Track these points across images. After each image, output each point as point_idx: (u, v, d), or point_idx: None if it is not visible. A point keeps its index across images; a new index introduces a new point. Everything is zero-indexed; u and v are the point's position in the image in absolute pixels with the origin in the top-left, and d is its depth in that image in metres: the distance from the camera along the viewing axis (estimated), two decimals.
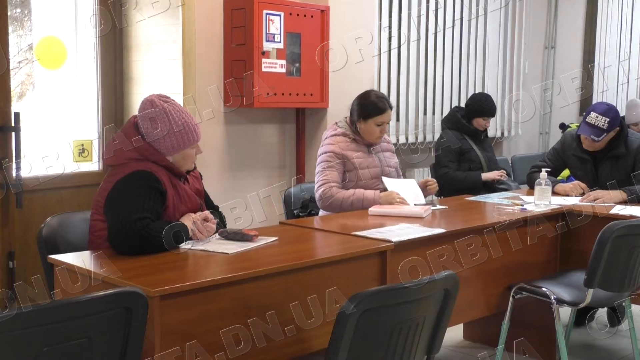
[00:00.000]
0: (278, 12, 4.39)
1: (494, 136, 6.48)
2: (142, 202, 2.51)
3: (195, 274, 2.35)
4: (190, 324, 2.17)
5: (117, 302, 1.83)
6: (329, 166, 3.63)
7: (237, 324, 2.28)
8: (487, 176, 4.90)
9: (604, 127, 3.93)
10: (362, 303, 1.92)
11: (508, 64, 6.72)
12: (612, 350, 4.00)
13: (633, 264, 3.17)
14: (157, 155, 2.65)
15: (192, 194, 2.76)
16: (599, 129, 3.94)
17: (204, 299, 2.19)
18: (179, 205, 2.68)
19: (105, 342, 1.83)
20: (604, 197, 3.86)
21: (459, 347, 4.02)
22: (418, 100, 5.86)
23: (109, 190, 2.57)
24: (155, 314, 2.05)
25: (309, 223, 3.30)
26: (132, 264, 2.32)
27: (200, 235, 2.64)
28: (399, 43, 5.65)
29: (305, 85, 4.59)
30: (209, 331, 2.21)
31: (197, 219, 2.65)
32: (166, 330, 2.10)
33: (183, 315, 2.15)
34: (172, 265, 2.37)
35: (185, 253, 2.51)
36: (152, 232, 2.46)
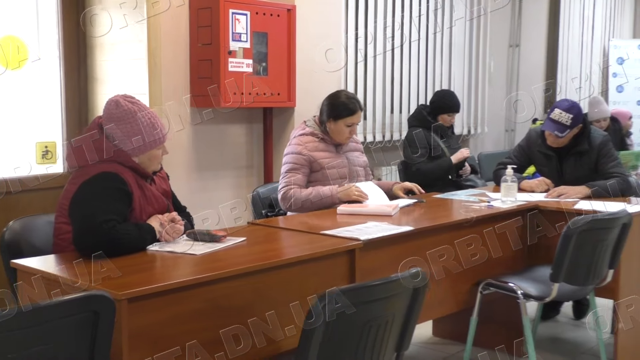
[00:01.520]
0: (244, 12, 4.37)
1: (461, 133, 6.54)
2: (108, 204, 2.48)
3: (163, 275, 2.33)
4: (159, 327, 2.15)
5: (83, 306, 1.80)
6: (293, 168, 3.62)
7: (206, 326, 2.26)
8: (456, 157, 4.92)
9: (567, 123, 3.98)
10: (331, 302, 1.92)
11: (474, 63, 6.78)
12: (577, 343, 4.06)
13: (597, 257, 3.22)
14: (123, 156, 2.62)
15: (159, 195, 2.73)
16: (563, 125, 3.99)
17: (173, 301, 2.17)
18: (146, 206, 2.65)
19: (72, 347, 1.81)
20: (568, 192, 3.92)
21: (428, 344, 4.05)
22: (385, 99, 5.88)
23: (73, 193, 2.54)
24: (122, 318, 2.02)
25: (277, 223, 3.29)
26: (99, 267, 2.29)
27: (168, 237, 2.62)
28: (366, 42, 5.66)
29: (272, 84, 4.58)
30: (178, 333, 2.19)
31: (165, 221, 2.63)
32: (134, 334, 2.07)
33: (151, 318, 2.13)
34: (139, 267, 2.34)
35: (152, 255, 2.49)
36: (119, 234, 2.43)
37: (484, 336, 3.71)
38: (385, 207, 3.40)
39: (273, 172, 4.84)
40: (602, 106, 6.14)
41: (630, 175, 4.70)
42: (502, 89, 7.31)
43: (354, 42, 5.56)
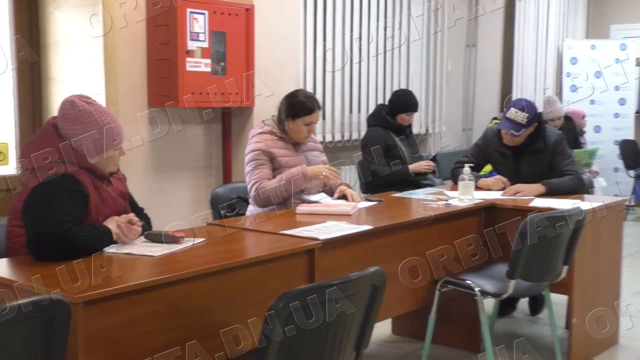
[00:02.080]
0: (202, 11, 4.34)
1: (419, 133, 6.59)
2: (63, 206, 2.44)
3: (120, 278, 2.30)
4: (116, 330, 2.12)
5: (37, 310, 1.77)
6: (260, 164, 3.61)
7: (165, 328, 2.25)
8: (414, 167, 4.97)
9: (523, 122, 4.04)
10: (290, 302, 1.93)
11: (431, 62, 6.84)
12: (533, 338, 4.13)
13: (552, 254, 3.28)
14: (79, 157, 2.58)
15: (115, 197, 2.70)
16: (519, 124, 4.05)
17: (130, 304, 2.15)
18: (102, 208, 2.62)
19: (27, 353, 1.77)
20: (524, 190, 3.98)
21: (387, 342, 4.07)
22: (343, 99, 5.91)
23: (27, 195, 2.49)
24: (78, 321, 1.99)
25: (237, 223, 3.28)
26: (53, 270, 2.25)
27: (125, 239, 2.59)
28: (324, 42, 5.68)
29: (231, 84, 4.56)
30: (136, 336, 2.17)
31: (122, 222, 2.60)
32: (90, 337, 2.05)
33: (108, 321, 2.10)
34: (95, 270, 2.31)
35: (109, 257, 2.46)
36: (75, 236, 2.40)
37: (443, 333, 3.75)
38: (345, 206, 3.42)
39: (232, 172, 4.82)
40: (557, 105, 6.26)
41: (584, 173, 4.81)
42: (459, 89, 7.39)
43: (313, 41, 5.56)
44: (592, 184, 5.42)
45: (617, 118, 8.65)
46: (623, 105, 8.66)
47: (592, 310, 3.76)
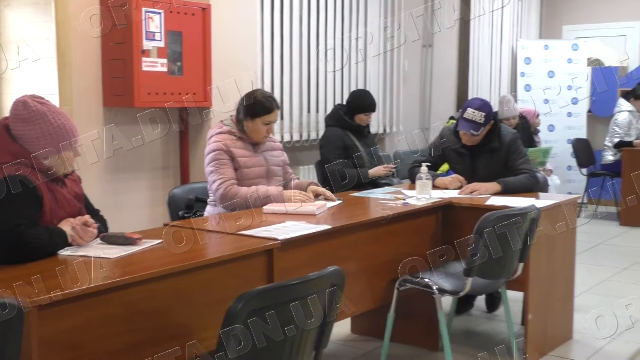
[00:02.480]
0: (158, 10, 4.30)
1: (377, 132, 6.63)
2: (17, 208, 2.40)
3: (75, 281, 2.26)
4: (72, 334, 2.09)
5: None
6: (222, 164, 3.59)
7: (123, 330, 2.22)
8: (374, 172, 4.99)
9: (481, 121, 4.09)
10: (249, 302, 1.92)
11: (388, 62, 6.88)
12: (490, 335, 4.19)
13: (508, 251, 3.32)
14: (32, 158, 2.53)
15: (70, 198, 2.66)
16: (477, 124, 4.10)
17: (86, 307, 2.12)
18: (57, 210, 2.57)
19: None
20: (480, 189, 4.03)
21: (347, 341, 4.08)
22: (301, 99, 5.91)
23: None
24: (32, 326, 1.95)
25: (195, 224, 3.25)
26: (6, 273, 2.21)
27: (80, 241, 2.55)
28: (282, 41, 5.67)
29: (188, 84, 4.52)
30: (93, 339, 2.14)
31: (77, 224, 2.55)
32: (45, 342, 2.01)
33: (64, 325, 2.06)
34: (50, 273, 2.27)
35: (64, 260, 2.42)
36: (28, 239, 2.35)
37: (402, 332, 3.78)
38: (311, 206, 3.42)
39: (190, 173, 4.79)
40: (512, 105, 6.35)
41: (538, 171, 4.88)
42: (416, 88, 7.45)
43: (270, 41, 5.55)
44: (547, 182, 5.51)
45: (570, 117, 8.82)
46: (576, 104, 8.83)
47: (547, 306, 3.82)
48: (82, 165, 3.59)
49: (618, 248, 6.49)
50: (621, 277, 5.46)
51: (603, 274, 5.49)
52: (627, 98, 7.94)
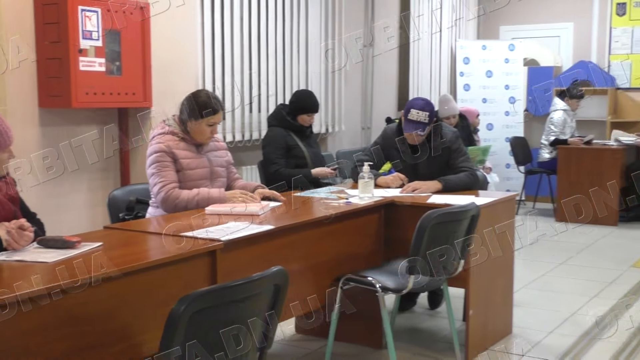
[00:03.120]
0: (95, 9, 4.21)
1: (319, 132, 6.64)
2: None
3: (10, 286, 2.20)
4: (7, 342, 2.03)
5: None
6: (164, 166, 3.54)
7: (63, 336, 2.16)
8: (317, 172, 5.00)
9: (425, 121, 4.13)
10: (191, 304, 1.90)
11: (330, 62, 6.90)
12: (433, 331, 4.24)
13: (449, 249, 3.37)
14: None
15: (5, 202, 2.59)
16: (422, 123, 4.14)
17: (23, 313, 2.05)
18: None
19: None
20: (421, 187, 4.08)
21: (291, 341, 4.08)
22: (243, 99, 5.88)
23: None
24: None
25: (136, 226, 3.20)
26: None
27: (16, 245, 2.48)
28: (222, 41, 5.63)
29: (127, 84, 4.45)
30: (31, 346, 2.08)
31: (12, 228, 2.48)
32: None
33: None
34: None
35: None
36: None
37: (346, 330, 3.80)
38: (254, 206, 3.40)
39: (130, 174, 4.71)
40: (451, 104, 6.45)
41: (478, 169, 4.97)
42: (358, 88, 7.50)
43: (211, 40, 5.50)
44: (486, 180, 5.61)
45: (507, 116, 9.01)
46: (513, 103, 9.03)
47: (487, 302, 3.90)
48: (18, 168, 3.50)
49: (554, 244, 6.66)
50: (558, 272, 5.61)
51: (541, 270, 5.63)
52: (562, 97, 8.15)
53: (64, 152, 4.38)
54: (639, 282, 5.27)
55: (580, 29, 9.19)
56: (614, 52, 9.04)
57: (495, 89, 8.97)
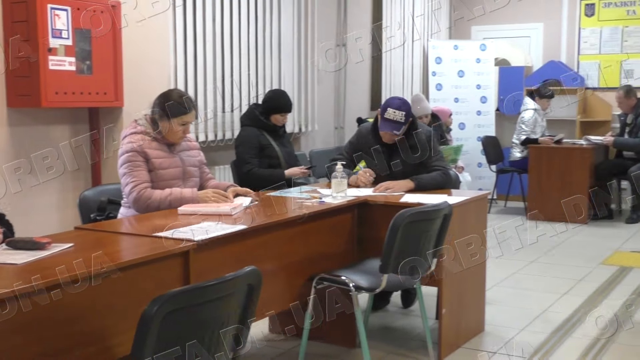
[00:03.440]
0: (64, 7, 4.16)
1: (292, 132, 6.64)
2: None
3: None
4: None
5: None
6: (136, 166, 3.50)
7: (34, 340, 2.13)
8: (290, 172, 5.00)
9: (402, 120, 4.14)
10: (164, 305, 1.89)
11: (303, 61, 6.90)
12: (406, 330, 4.26)
13: (422, 248, 3.39)
14: None
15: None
16: (398, 123, 4.15)
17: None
18: None
19: None
20: (394, 187, 4.09)
21: (265, 341, 4.07)
22: (216, 98, 5.85)
23: None
24: None
25: (108, 227, 3.18)
26: None
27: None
28: (195, 40, 5.60)
29: (98, 83, 4.41)
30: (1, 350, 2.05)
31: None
32: None
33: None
34: None
35: None
36: None
37: (319, 330, 3.80)
38: (227, 206, 3.39)
39: (101, 175, 4.66)
40: (424, 103, 6.47)
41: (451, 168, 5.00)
42: (331, 88, 7.50)
43: (183, 39, 5.47)
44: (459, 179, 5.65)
45: (479, 115, 9.09)
46: (484, 103, 9.10)
47: (460, 301, 3.92)
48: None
49: (526, 242, 6.73)
50: (529, 270, 5.66)
51: (512, 268, 5.68)
52: (532, 97, 8.24)
53: (33, 152, 4.33)
54: (608, 279, 5.34)
55: (550, 29, 9.30)
56: (583, 52, 9.16)
57: (467, 88, 9.03)
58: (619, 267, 5.72)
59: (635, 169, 7.52)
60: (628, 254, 6.19)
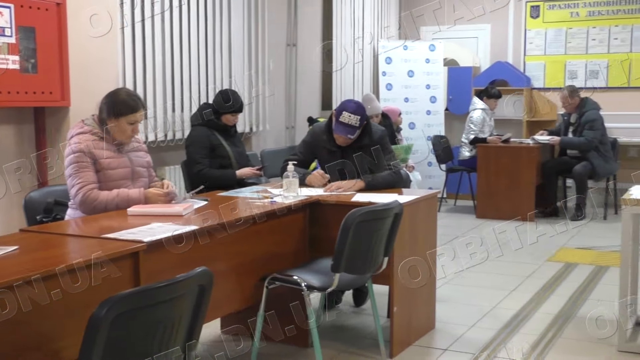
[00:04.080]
0: (7, 4, 4.06)
1: (243, 131, 6.61)
2: None
3: None
4: None
5: None
6: (82, 167, 3.44)
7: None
8: (242, 173, 4.98)
9: (356, 124, 4.16)
10: (113, 307, 1.86)
11: (253, 61, 6.87)
12: (359, 329, 4.28)
13: (373, 246, 3.41)
14: None
15: None
16: (353, 127, 4.16)
17: None
18: None
19: None
20: (345, 186, 4.11)
21: (217, 342, 4.05)
22: (166, 98, 5.78)
23: None
24: None
25: (54, 228, 3.11)
26: None
27: None
28: (144, 39, 5.52)
29: (44, 82, 4.31)
30: None
31: None
32: None
33: None
34: None
35: None
36: None
37: (272, 330, 3.79)
38: (177, 207, 3.35)
39: (48, 175, 4.57)
40: (374, 103, 6.52)
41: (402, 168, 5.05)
42: (282, 88, 7.49)
43: (131, 38, 5.39)
44: (409, 178, 5.70)
45: (429, 115, 9.19)
46: (434, 102, 9.21)
47: (411, 299, 3.96)
48: None
49: (475, 240, 6.82)
50: (478, 268, 5.75)
51: (462, 265, 5.76)
52: (480, 97, 8.37)
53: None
54: (554, 276, 5.46)
55: (497, 30, 9.46)
56: (528, 53, 9.35)
57: (417, 88, 9.12)
58: (564, 263, 5.85)
59: (579, 168, 7.71)
60: (573, 251, 6.34)
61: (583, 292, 5.00)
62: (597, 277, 5.40)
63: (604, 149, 7.83)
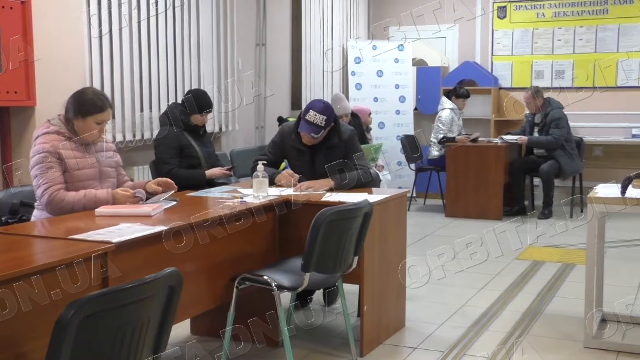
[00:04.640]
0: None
1: (213, 131, 6.58)
2: None
3: None
4: None
5: None
6: (48, 167, 3.40)
7: None
8: (211, 173, 4.95)
9: (322, 124, 4.16)
10: (81, 309, 1.84)
11: (222, 60, 6.85)
12: (329, 328, 4.29)
13: (343, 246, 3.42)
14: None
15: None
16: (318, 127, 4.16)
17: None
18: None
19: None
20: (314, 186, 4.11)
21: (187, 343, 4.02)
22: (134, 97, 5.74)
23: None
24: None
25: (20, 230, 3.07)
26: None
27: None
28: (111, 38, 5.47)
29: (8, 82, 4.25)
30: None
31: None
32: None
33: None
34: None
35: None
36: None
37: (243, 330, 3.78)
38: (146, 207, 3.33)
39: (13, 176, 4.50)
40: (344, 103, 6.54)
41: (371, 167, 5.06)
42: (251, 87, 7.47)
43: (98, 38, 5.34)
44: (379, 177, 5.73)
45: (398, 115, 9.23)
46: (403, 102, 9.25)
47: (381, 297, 3.97)
48: None
49: (444, 239, 6.88)
50: (448, 266, 5.79)
51: (431, 264, 5.80)
52: (449, 96, 8.44)
53: None
54: (522, 274, 5.52)
55: (465, 30, 9.54)
56: (496, 53, 9.44)
57: (386, 88, 9.16)
58: (532, 261, 5.92)
59: (546, 167, 7.81)
60: (540, 249, 6.42)
61: (550, 290, 5.07)
62: (564, 274, 5.48)
63: (570, 147, 7.94)
